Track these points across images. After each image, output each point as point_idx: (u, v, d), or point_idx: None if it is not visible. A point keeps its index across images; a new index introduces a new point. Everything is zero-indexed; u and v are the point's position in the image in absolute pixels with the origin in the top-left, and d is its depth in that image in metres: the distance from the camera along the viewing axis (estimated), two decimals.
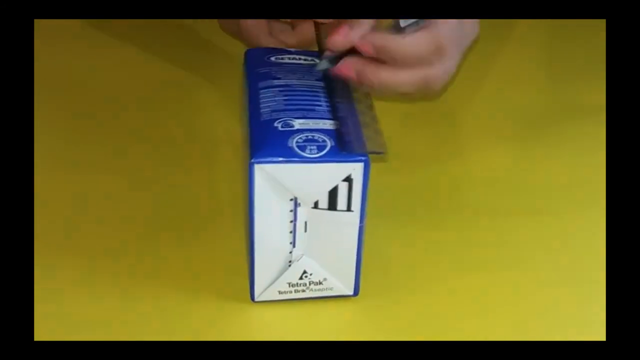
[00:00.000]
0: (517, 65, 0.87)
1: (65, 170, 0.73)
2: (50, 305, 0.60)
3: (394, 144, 0.76)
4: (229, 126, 0.75)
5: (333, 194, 0.57)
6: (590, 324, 0.59)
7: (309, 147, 0.57)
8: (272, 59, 0.66)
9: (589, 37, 0.84)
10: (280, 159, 0.56)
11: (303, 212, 0.58)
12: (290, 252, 0.59)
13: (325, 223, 0.58)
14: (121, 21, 0.88)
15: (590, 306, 0.61)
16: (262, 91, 0.62)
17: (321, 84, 0.63)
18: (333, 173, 0.57)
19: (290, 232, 0.59)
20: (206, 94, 0.81)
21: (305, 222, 0.58)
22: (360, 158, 0.57)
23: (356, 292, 0.61)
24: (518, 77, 0.85)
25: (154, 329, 0.59)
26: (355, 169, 0.57)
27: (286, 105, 0.60)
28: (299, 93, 0.62)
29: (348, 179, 0.57)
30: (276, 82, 0.63)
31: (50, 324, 0.59)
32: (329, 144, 0.57)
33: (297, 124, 0.59)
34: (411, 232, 0.67)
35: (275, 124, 0.59)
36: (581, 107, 0.80)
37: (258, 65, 0.65)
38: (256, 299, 0.61)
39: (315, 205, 0.58)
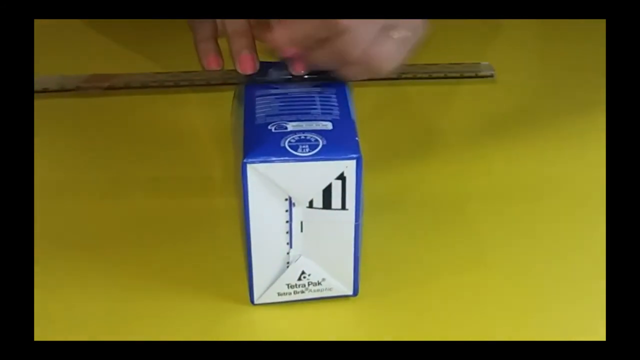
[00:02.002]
0: (516, 64, 0.87)
1: (65, 169, 0.73)
2: (50, 305, 0.60)
3: (392, 143, 0.76)
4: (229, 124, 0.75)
5: (327, 192, 0.58)
6: (590, 324, 0.59)
7: (301, 147, 0.57)
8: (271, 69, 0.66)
9: (589, 37, 0.84)
10: (273, 158, 0.56)
11: (298, 212, 0.58)
12: (288, 253, 0.59)
13: (321, 222, 0.58)
14: (121, 21, 0.88)
15: (590, 306, 0.61)
16: (257, 98, 0.62)
17: (318, 89, 0.63)
18: (325, 171, 0.57)
19: (287, 232, 0.59)
20: (207, 95, 0.81)
21: (301, 222, 0.58)
22: (352, 155, 0.57)
23: (356, 292, 0.61)
24: (517, 76, 0.85)
25: (153, 331, 0.59)
26: (347, 167, 0.57)
27: (281, 110, 0.61)
28: (295, 99, 0.62)
29: (341, 177, 0.57)
30: (273, 90, 0.63)
31: (50, 324, 0.59)
32: (321, 143, 0.57)
33: (291, 126, 0.59)
34: (411, 231, 0.67)
35: (269, 127, 0.59)
36: (581, 106, 0.80)
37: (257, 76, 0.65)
38: (256, 302, 0.61)
39: (310, 205, 0.58)
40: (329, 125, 0.59)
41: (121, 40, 0.88)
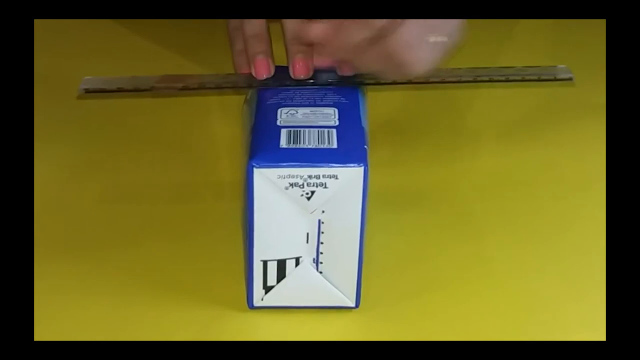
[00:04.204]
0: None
1: (65, 170, 0.73)
2: (50, 305, 0.60)
3: (393, 148, 0.76)
4: (230, 129, 0.75)
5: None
6: (590, 324, 0.59)
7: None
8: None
9: (589, 37, 0.84)
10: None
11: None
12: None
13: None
14: (122, 21, 0.88)
15: (590, 306, 0.61)
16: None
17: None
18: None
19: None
20: (208, 96, 0.80)
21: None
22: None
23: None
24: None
25: (152, 333, 0.59)
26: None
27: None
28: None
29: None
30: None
31: (50, 324, 0.59)
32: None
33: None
34: (412, 238, 0.67)
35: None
36: (581, 107, 0.80)
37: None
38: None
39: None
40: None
41: (122, 38, 0.88)
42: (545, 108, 0.80)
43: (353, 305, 0.60)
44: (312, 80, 0.65)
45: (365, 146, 0.58)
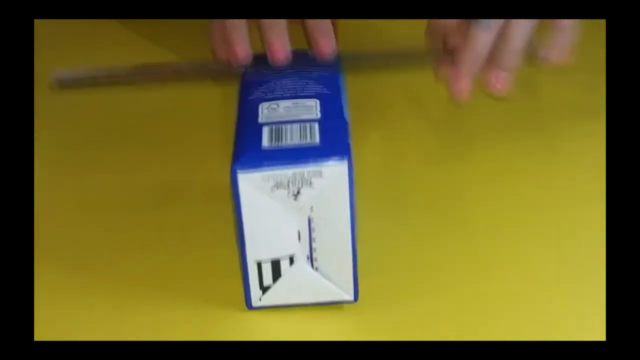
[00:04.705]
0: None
1: (64, 171, 0.73)
2: (50, 305, 0.60)
3: (393, 146, 0.76)
4: (228, 128, 0.75)
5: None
6: (590, 324, 0.59)
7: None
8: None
9: (589, 37, 0.84)
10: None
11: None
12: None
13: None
14: (122, 21, 0.88)
15: (590, 306, 0.61)
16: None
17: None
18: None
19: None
20: (208, 95, 0.80)
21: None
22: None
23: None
24: (517, 76, 0.85)
25: (151, 334, 0.59)
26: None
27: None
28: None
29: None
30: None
31: (50, 324, 0.59)
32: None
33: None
34: (411, 237, 0.67)
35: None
36: (581, 107, 0.80)
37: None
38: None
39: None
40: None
41: (121, 38, 0.88)
42: (545, 108, 0.80)
43: (352, 299, 0.60)
44: (289, 70, 0.64)
45: (348, 140, 0.58)
